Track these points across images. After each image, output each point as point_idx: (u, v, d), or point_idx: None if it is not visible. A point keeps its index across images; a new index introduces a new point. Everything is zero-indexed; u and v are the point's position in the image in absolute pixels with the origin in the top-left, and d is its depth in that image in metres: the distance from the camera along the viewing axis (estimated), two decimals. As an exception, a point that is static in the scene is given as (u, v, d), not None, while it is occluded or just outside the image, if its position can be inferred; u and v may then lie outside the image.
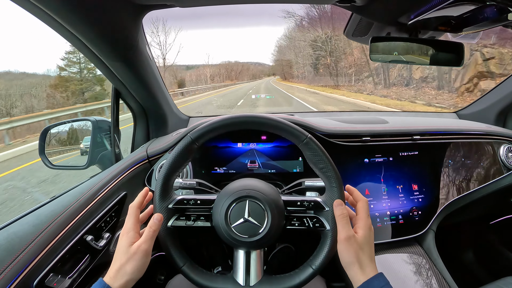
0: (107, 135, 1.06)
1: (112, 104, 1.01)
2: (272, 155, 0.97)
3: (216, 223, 0.58)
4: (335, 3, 0.69)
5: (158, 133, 1.19)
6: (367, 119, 1.16)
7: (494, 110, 1.36)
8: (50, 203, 0.68)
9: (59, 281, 0.57)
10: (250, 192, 0.57)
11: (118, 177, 0.81)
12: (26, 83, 16.74)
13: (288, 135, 0.59)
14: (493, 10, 0.61)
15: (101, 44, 0.77)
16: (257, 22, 33.97)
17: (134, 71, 0.91)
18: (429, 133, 1.03)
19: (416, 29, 0.78)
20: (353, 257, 0.51)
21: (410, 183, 1.01)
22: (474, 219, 1.33)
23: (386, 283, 0.49)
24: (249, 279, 0.57)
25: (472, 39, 0.84)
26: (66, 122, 1.05)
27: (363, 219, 0.55)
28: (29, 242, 0.54)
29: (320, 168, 0.58)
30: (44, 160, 0.99)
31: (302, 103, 11.18)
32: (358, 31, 0.90)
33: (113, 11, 0.69)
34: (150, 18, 3.90)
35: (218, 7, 0.81)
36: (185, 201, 0.59)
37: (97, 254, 0.68)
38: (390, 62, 0.82)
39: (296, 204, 0.59)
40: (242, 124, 0.60)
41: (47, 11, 0.62)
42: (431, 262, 0.91)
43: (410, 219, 0.98)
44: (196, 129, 0.59)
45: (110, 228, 0.74)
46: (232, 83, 30.18)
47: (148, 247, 0.52)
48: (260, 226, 0.55)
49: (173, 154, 0.58)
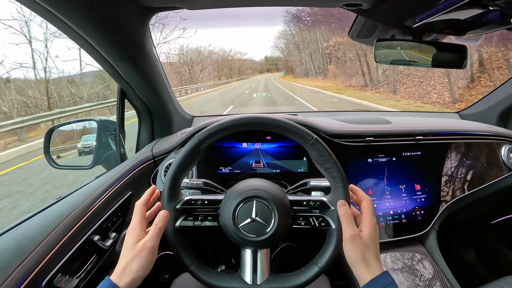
0: (112, 135, 1.06)
1: (117, 104, 1.02)
2: (276, 155, 0.97)
3: (223, 223, 0.58)
4: (342, 6, 0.70)
5: (163, 132, 1.19)
6: (370, 119, 1.16)
7: (496, 110, 1.37)
8: (58, 203, 0.68)
9: (67, 281, 0.57)
10: (257, 192, 0.58)
11: (124, 177, 0.82)
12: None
13: (294, 135, 0.60)
14: (496, 14, 0.62)
15: (108, 45, 0.77)
16: (262, 23, 32.06)
17: (140, 72, 0.91)
18: (431, 134, 1.04)
19: (420, 32, 0.79)
20: (359, 256, 0.51)
21: (413, 183, 1.01)
22: (476, 219, 1.34)
23: (391, 281, 0.49)
24: (256, 278, 0.57)
25: (475, 41, 0.85)
26: (71, 122, 1.06)
27: (368, 218, 0.55)
28: (38, 243, 0.55)
29: (326, 168, 0.58)
30: (49, 160, 0.99)
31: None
32: (363, 33, 0.90)
33: (121, 12, 0.70)
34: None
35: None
36: (192, 201, 0.60)
37: (104, 254, 0.69)
38: (394, 64, 0.83)
39: (302, 203, 0.60)
40: (249, 125, 0.60)
41: (55, 12, 0.62)
42: (433, 261, 0.92)
43: (413, 218, 0.99)
44: (204, 130, 0.59)
45: (116, 228, 0.75)
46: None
47: (154, 244, 0.52)
48: (268, 226, 0.56)
49: (180, 155, 0.59)
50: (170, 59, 20.50)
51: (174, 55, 21.31)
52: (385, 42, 0.79)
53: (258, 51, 43.21)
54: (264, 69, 33.63)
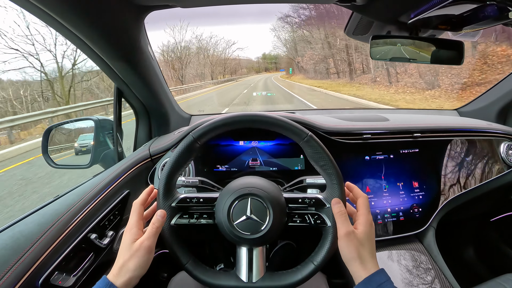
0: (109, 134, 1.07)
1: (114, 103, 1.02)
2: (273, 153, 0.97)
3: (219, 221, 0.58)
4: (336, 2, 0.70)
5: (160, 131, 1.19)
6: (367, 116, 1.16)
7: (495, 107, 1.36)
8: (55, 202, 0.69)
9: (64, 279, 0.58)
10: (252, 190, 0.58)
11: (121, 175, 0.82)
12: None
13: (289, 133, 0.60)
14: (493, 9, 0.61)
15: (104, 44, 0.77)
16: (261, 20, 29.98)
17: (136, 71, 0.91)
18: (429, 131, 1.04)
19: (416, 28, 0.78)
20: (354, 253, 0.51)
21: (411, 180, 1.01)
22: (475, 216, 1.34)
23: (387, 279, 0.49)
24: (251, 276, 0.57)
25: (472, 37, 0.84)
26: (69, 121, 1.06)
27: (364, 215, 0.55)
28: (34, 241, 0.55)
29: (321, 166, 0.58)
30: (47, 160, 0.99)
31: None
32: (359, 29, 0.90)
33: (116, 11, 0.70)
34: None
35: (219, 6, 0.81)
36: (188, 199, 0.60)
37: (101, 252, 0.69)
38: (390, 60, 0.82)
39: (298, 201, 0.60)
40: (244, 122, 0.60)
41: (49, 12, 0.62)
42: (432, 259, 0.92)
43: (411, 216, 0.99)
44: (198, 128, 0.60)
45: (113, 227, 0.75)
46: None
47: (151, 243, 0.52)
48: (262, 223, 0.56)
49: (175, 153, 0.59)
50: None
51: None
52: (381, 39, 0.79)
53: (254, 49, 41.68)
54: (262, 68, 30.81)
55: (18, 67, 13.62)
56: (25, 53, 11.77)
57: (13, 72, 11.30)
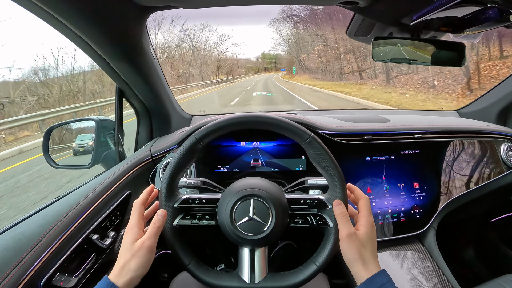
0: (110, 135, 1.07)
1: (116, 103, 1.02)
2: (275, 153, 0.97)
3: (221, 222, 0.58)
4: (339, 4, 0.70)
5: (161, 132, 1.19)
6: (368, 117, 1.16)
7: (495, 108, 1.36)
8: (56, 202, 0.69)
9: (66, 280, 0.58)
10: (255, 191, 0.58)
11: (123, 176, 0.82)
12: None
13: (292, 134, 0.60)
14: (495, 11, 0.61)
15: (106, 45, 0.77)
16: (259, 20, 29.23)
17: (138, 71, 0.91)
18: (430, 132, 1.04)
19: (418, 30, 0.78)
20: (356, 254, 0.51)
21: (412, 181, 1.01)
22: (475, 217, 1.34)
23: (388, 279, 0.49)
24: (254, 276, 0.58)
25: (474, 39, 0.85)
26: (70, 121, 1.06)
27: (365, 217, 0.55)
28: (36, 242, 0.55)
29: (323, 167, 0.58)
30: (48, 160, 0.99)
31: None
32: (361, 31, 0.90)
33: (118, 12, 0.70)
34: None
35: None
36: (190, 200, 0.60)
37: (102, 253, 0.69)
38: (391, 62, 0.82)
39: (300, 202, 0.60)
40: (246, 123, 0.60)
41: (51, 12, 0.62)
42: (432, 260, 0.92)
43: (412, 217, 0.99)
44: (201, 129, 0.60)
45: (115, 227, 0.75)
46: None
47: (152, 243, 0.52)
48: (265, 224, 0.56)
49: (178, 154, 0.59)
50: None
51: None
52: (383, 40, 0.79)
53: (254, 48, 40.93)
54: (261, 68, 29.46)
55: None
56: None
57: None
